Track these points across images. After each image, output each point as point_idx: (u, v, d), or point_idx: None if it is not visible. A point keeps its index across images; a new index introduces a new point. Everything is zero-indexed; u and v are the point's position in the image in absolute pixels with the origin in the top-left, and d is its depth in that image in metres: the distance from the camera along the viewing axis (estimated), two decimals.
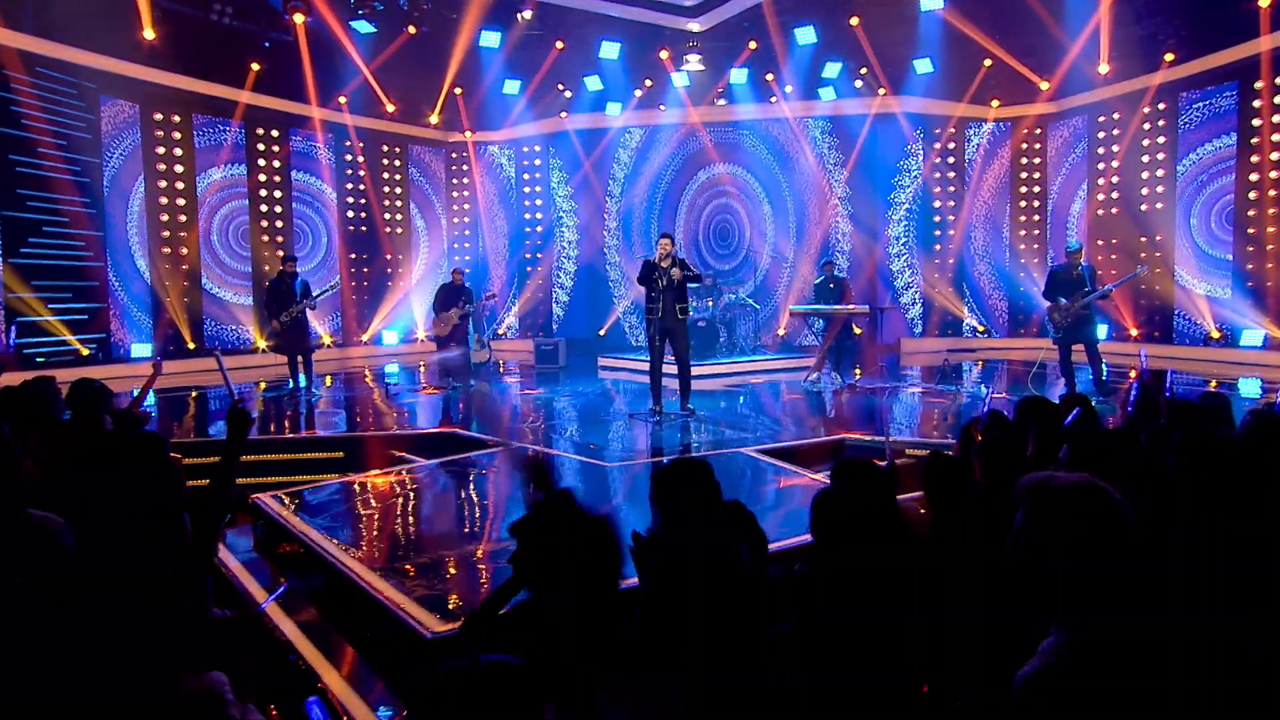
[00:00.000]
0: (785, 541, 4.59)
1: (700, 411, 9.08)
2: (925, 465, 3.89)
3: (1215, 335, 13.07)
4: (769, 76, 15.28)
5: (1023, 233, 16.27)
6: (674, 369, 8.97)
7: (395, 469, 6.85)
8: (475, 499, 6.14)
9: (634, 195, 17.15)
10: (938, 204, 16.31)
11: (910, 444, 7.21)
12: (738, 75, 15.26)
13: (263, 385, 11.81)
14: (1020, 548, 2.03)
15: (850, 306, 11.11)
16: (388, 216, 17.08)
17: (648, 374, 9.04)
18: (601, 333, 17.13)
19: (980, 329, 16.33)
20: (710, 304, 13.62)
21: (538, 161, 17.61)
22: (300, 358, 10.81)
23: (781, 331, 16.14)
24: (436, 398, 10.81)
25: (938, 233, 16.34)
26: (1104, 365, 9.30)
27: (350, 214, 16.48)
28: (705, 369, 12.47)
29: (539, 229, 17.78)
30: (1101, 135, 14.83)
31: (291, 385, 10.77)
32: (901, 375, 12.50)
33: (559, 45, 14.39)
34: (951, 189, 16.31)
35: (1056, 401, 5.13)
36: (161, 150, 13.50)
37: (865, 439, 7.59)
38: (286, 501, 5.65)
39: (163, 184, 13.55)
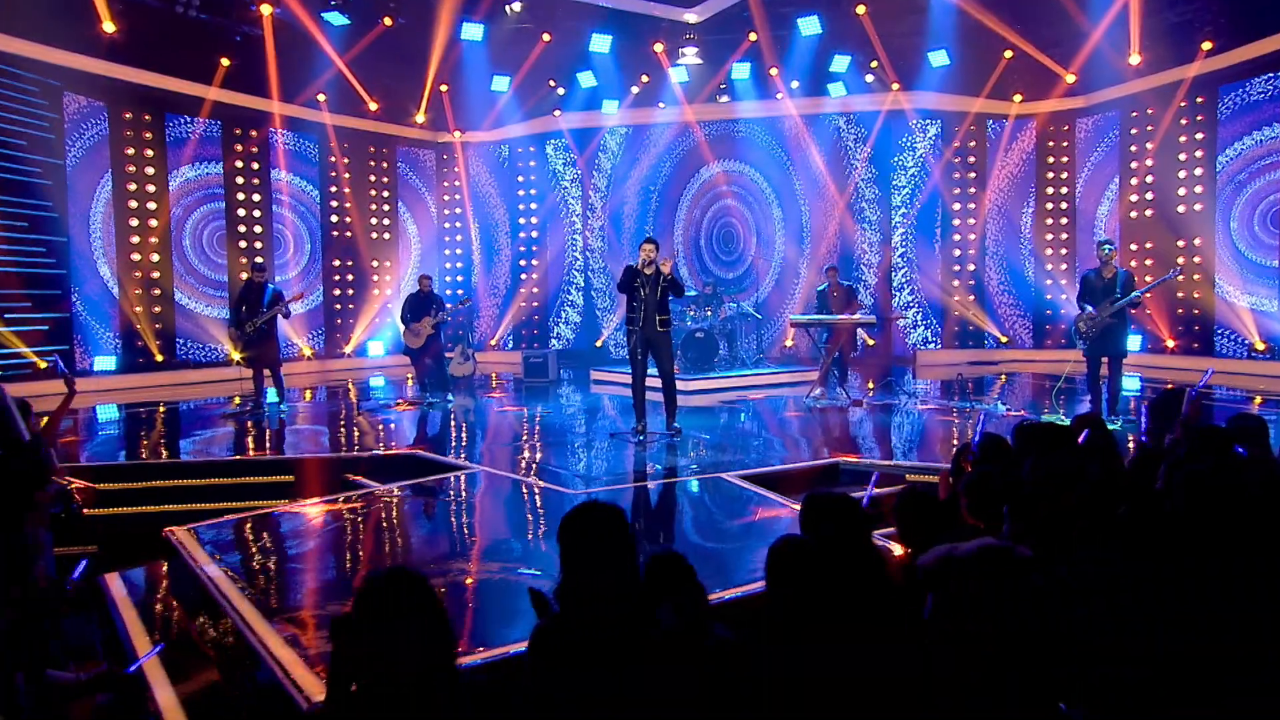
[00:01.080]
0: (749, 586, 4.13)
1: (688, 431, 8.65)
2: (898, 502, 3.47)
3: (1260, 347, 12.46)
4: (773, 71, 14.85)
5: (1049, 236, 15.71)
6: (660, 384, 8.56)
7: (339, 496, 6.43)
8: (418, 531, 5.70)
9: (631, 198, 16.75)
10: (956, 206, 15.78)
11: (911, 468, 6.73)
12: (739, 70, 14.85)
13: (236, 401, 11.49)
14: (936, 632, 1.72)
15: (856, 316, 10.63)
16: (374, 221, 16.78)
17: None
18: (598, 344, 16.73)
19: (1003, 339, 15.76)
20: (709, 314, 13.17)
21: (533, 163, 17.25)
22: (268, 371, 10.52)
23: (789, 343, 15.66)
24: (409, 415, 10.42)
25: (957, 237, 15.81)
26: (1123, 381, 8.75)
27: (334, 219, 16.18)
28: (703, 383, 12.10)
29: (534, 234, 17.42)
30: (1134, 132, 14.28)
31: (253, 402, 10.46)
32: (915, 390, 11.97)
33: (546, 38, 14.03)
34: (971, 190, 15.77)
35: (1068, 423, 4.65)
36: (131, 151, 13.26)
37: (863, 462, 7.10)
38: (201, 535, 5.25)
39: (132, 186, 13.30)
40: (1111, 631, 2.08)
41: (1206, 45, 12.63)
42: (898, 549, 3.78)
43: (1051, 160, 15.61)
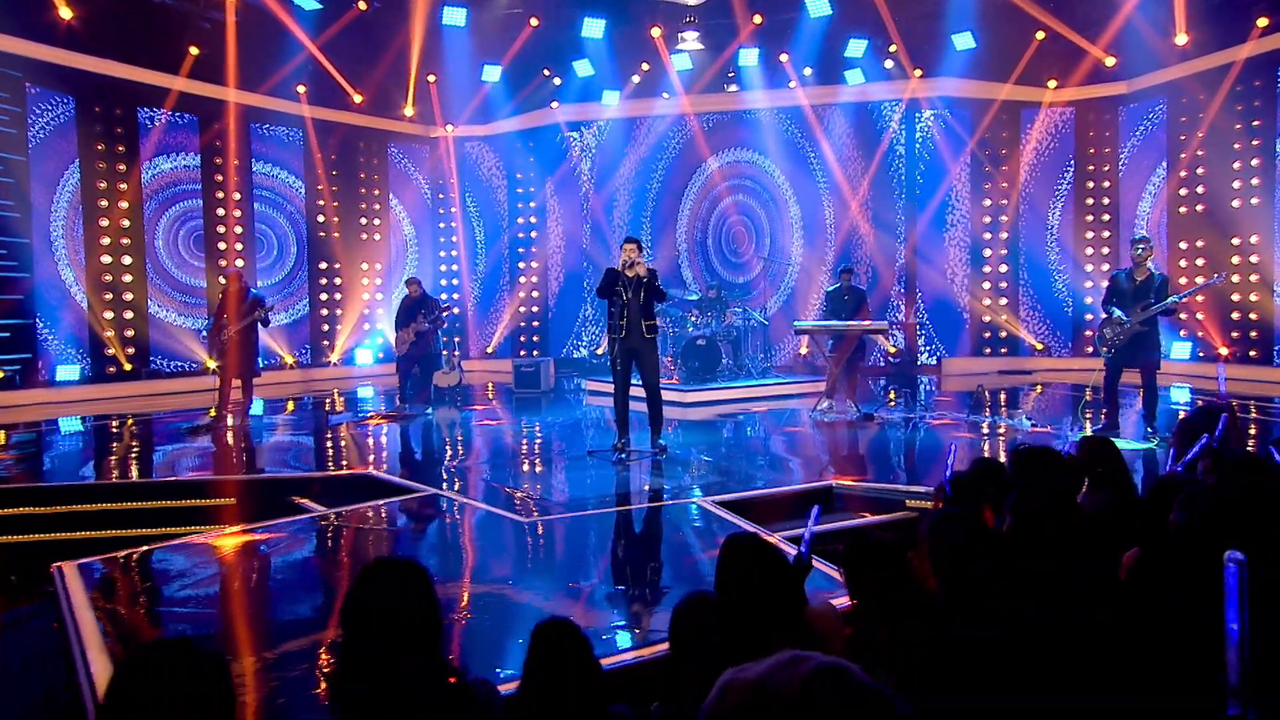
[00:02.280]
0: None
1: (676, 448, 8.22)
2: (846, 550, 3.02)
3: None
4: (783, 57, 14.35)
5: (1088, 234, 15.01)
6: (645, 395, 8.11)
7: (267, 524, 6.00)
8: (339, 569, 5.24)
9: (630, 196, 16.31)
10: (987, 202, 15.14)
11: (911, 493, 6.19)
12: (746, 56, 14.35)
13: (212, 413, 11.19)
14: None
15: (865, 323, 10.09)
16: (361, 221, 16.48)
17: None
18: (599, 351, 16.27)
19: (1037, 346, 15.07)
20: (712, 319, 12.69)
21: (531, 159, 16.84)
22: (240, 382, 10.27)
23: (804, 350, 15.10)
24: (381, 429, 10.03)
25: (987, 235, 15.16)
26: (1158, 396, 8.06)
27: (320, 219, 15.88)
28: (703, 394, 11.64)
29: (532, 234, 17.03)
30: (1183, 119, 13.55)
31: (215, 415, 10.19)
32: (933, 403, 11.38)
33: (534, 22, 13.62)
34: (1003, 185, 15.11)
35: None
36: (101, 146, 13.02)
37: (860, 485, 6.56)
38: (90, 571, 4.84)
39: (102, 185, 13.07)
40: None
41: (1262, 22, 11.95)
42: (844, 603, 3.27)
43: (1092, 151, 14.91)
